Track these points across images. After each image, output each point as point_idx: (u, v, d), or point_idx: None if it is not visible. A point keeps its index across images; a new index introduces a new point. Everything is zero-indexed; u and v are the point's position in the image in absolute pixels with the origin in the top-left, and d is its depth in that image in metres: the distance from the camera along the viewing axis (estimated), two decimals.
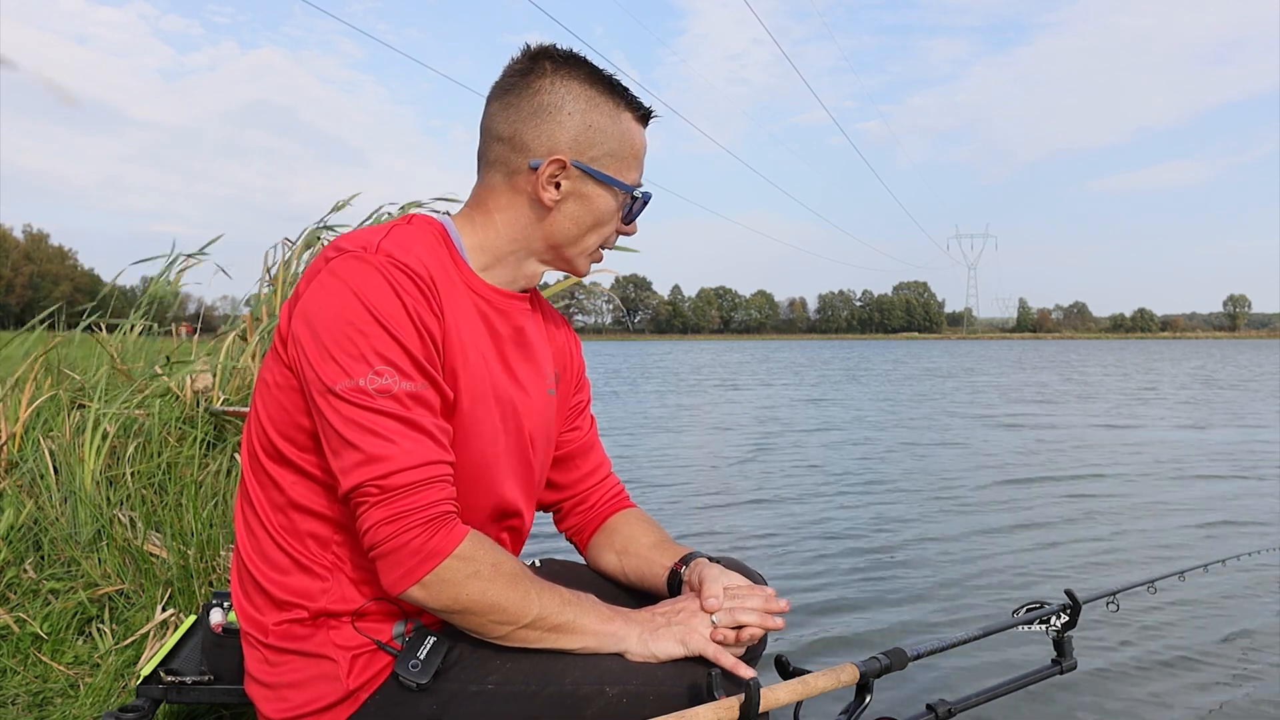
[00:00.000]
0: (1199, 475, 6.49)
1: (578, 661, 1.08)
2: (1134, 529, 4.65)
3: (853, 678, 1.13)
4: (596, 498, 1.44)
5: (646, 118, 1.26)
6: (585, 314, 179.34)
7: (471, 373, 1.15)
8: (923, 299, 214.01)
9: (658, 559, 1.31)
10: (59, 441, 2.84)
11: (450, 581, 1.05)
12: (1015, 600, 3.03)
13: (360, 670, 1.11)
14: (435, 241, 1.18)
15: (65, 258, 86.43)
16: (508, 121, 1.19)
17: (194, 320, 4.35)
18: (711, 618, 1.13)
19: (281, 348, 1.12)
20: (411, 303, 1.07)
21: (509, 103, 1.20)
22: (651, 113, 1.27)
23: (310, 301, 1.08)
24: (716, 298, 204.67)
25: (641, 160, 1.26)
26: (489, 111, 1.22)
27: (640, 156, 1.25)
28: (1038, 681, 1.46)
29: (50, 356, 3.27)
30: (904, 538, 4.43)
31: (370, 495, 1.04)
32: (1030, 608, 1.51)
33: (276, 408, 1.13)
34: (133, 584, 2.44)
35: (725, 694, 1.03)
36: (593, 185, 1.21)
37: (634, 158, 1.24)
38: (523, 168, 1.19)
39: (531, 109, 1.18)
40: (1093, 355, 46.42)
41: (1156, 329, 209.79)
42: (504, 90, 1.21)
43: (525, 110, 1.18)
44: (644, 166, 1.27)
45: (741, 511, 5.17)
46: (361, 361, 1.04)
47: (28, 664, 2.14)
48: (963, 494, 5.74)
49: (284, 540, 1.13)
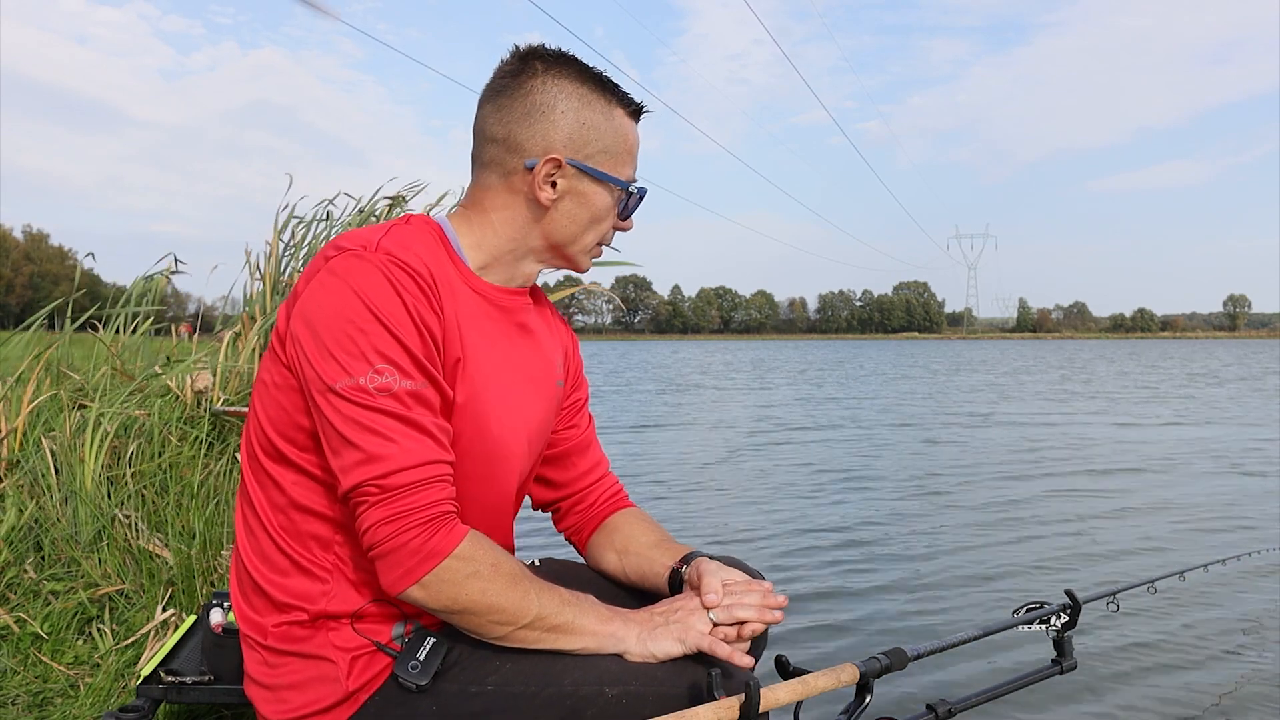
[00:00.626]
0: (1199, 475, 6.49)
1: (577, 662, 1.08)
2: (1134, 529, 4.65)
3: (853, 678, 1.14)
4: (595, 496, 1.44)
5: (638, 113, 1.26)
6: (585, 314, 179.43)
7: (473, 370, 1.15)
8: (923, 299, 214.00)
9: (659, 558, 1.31)
10: (59, 441, 2.84)
11: (449, 582, 1.05)
12: (1015, 600, 3.03)
13: (360, 672, 1.11)
14: (434, 241, 1.18)
15: (65, 258, 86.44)
16: (501, 123, 1.19)
17: (193, 320, 4.35)
18: (710, 614, 1.13)
19: (280, 347, 1.12)
20: (412, 301, 1.07)
21: (501, 104, 1.20)
22: (643, 108, 1.27)
23: (309, 300, 1.08)
24: (716, 298, 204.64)
25: (635, 155, 1.26)
26: (482, 113, 1.22)
27: (634, 152, 1.25)
28: (1038, 681, 1.46)
29: (50, 356, 3.27)
30: (904, 537, 4.43)
31: (370, 495, 1.04)
32: (1030, 608, 1.51)
33: (275, 408, 1.12)
34: (133, 584, 2.44)
35: (725, 694, 1.03)
36: (589, 183, 1.21)
37: (628, 153, 1.24)
38: (518, 168, 1.19)
39: (524, 109, 1.18)
40: (1093, 355, 46.39)
41: (1156, 329, 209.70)
42: (496, 92, 1.21)
43: (518, 111, 1.18)
44: (638, 161, 1.27)
45: (740, 511, 5.17)
46: (362, 360, 1.04)
47: (28, 664, 2.14)
48: (963, 494, 5.74)
49: (284, 541, 1.13)
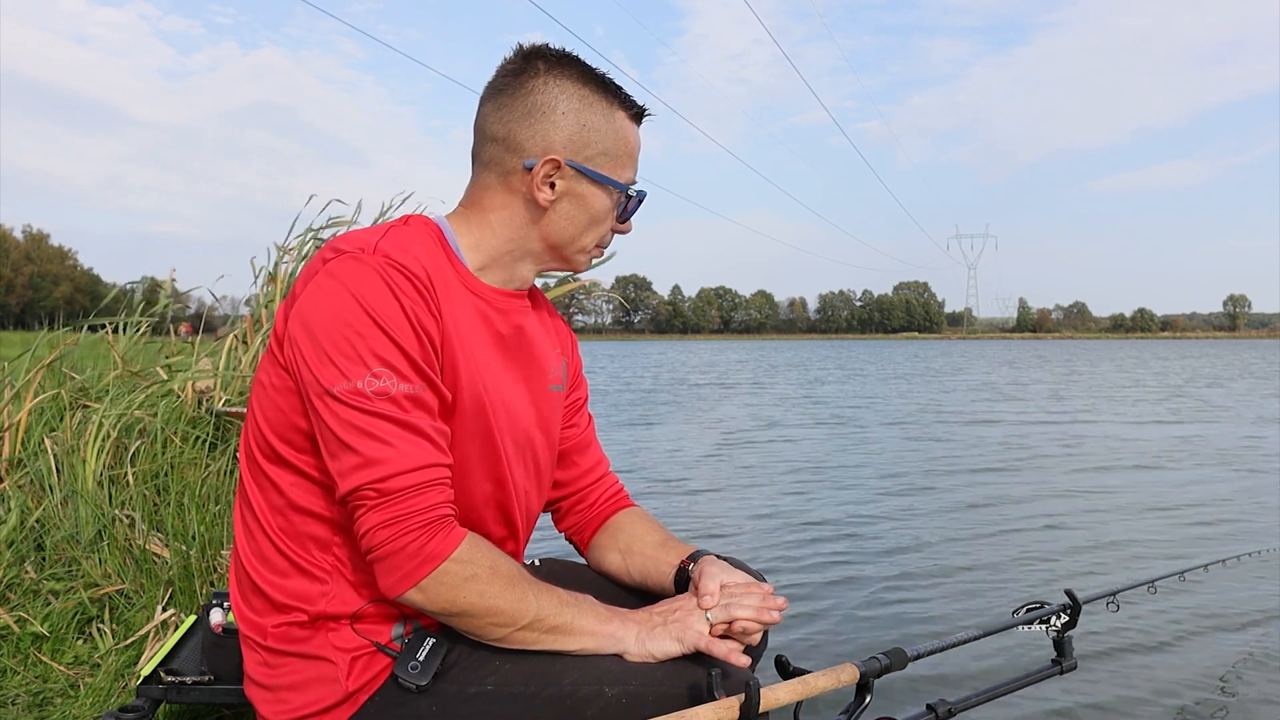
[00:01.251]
0: (1199, 474, 6.49)
1: (577, 662, 1.08)
2: (1134, 529, 4.64)
3: (853, 678, 1.14)
4: (596, 496, 1.44)
5: (640, 115, 1.26)
6: (585, 314, 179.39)
7: (471, 373, 1.15)
8: (923, 299, 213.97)
9: (664, 558, 1.31)
10: (61, 442, 2.84)
11: (448, 585, 1.05)
12: (1015, 600, 3.03)
13: (359, 672, 1.11)
14: (432, 242, 1.17)
15: (65, 258, 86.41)
16: (501, 122, 1.19)
17: (194, 321, 4.36)
18: (707, 615, 1.13)
19: (278, 349, 1.12)
20: (409, 304, 1.07)
21: (502, 103, 1.19)
22: (645, 110, 1.26)
23: (307, 303, 1.08)
24: (716, 298, 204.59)
25: (635, 158, 1.26)
26: (482, 111, 1.22)
27: (634, 154, 1.25)
28: (1038, 681, 1.46)
29: (51, 356, 3.27)
30: (904, 537, 4.42)
31: (368, 499, 1.04)
32: (1030, 608, 1.51)
33: (273, 409, 1.12)
34: (133, 584, 2.44)
35: (725, 694, 1.03)
36: (587, 184, 1.20)
37: (628, 156, 1.24)
38: (517, 168, 1.19)
39: (525, 109, 1.18)
40: (1093, 355, 46.39)
41: (1156, 329, 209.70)
42: (497, 90, 1.20)
43: (519, 110, 1.18)
44: (638, 164, 1.27)
45: (740, 511, 5.17)
46: (359, 363, 1.04)
47: (28, 664, 2.14)
48: (963, 493, 5.74)
49: (283, 543, 1.13)
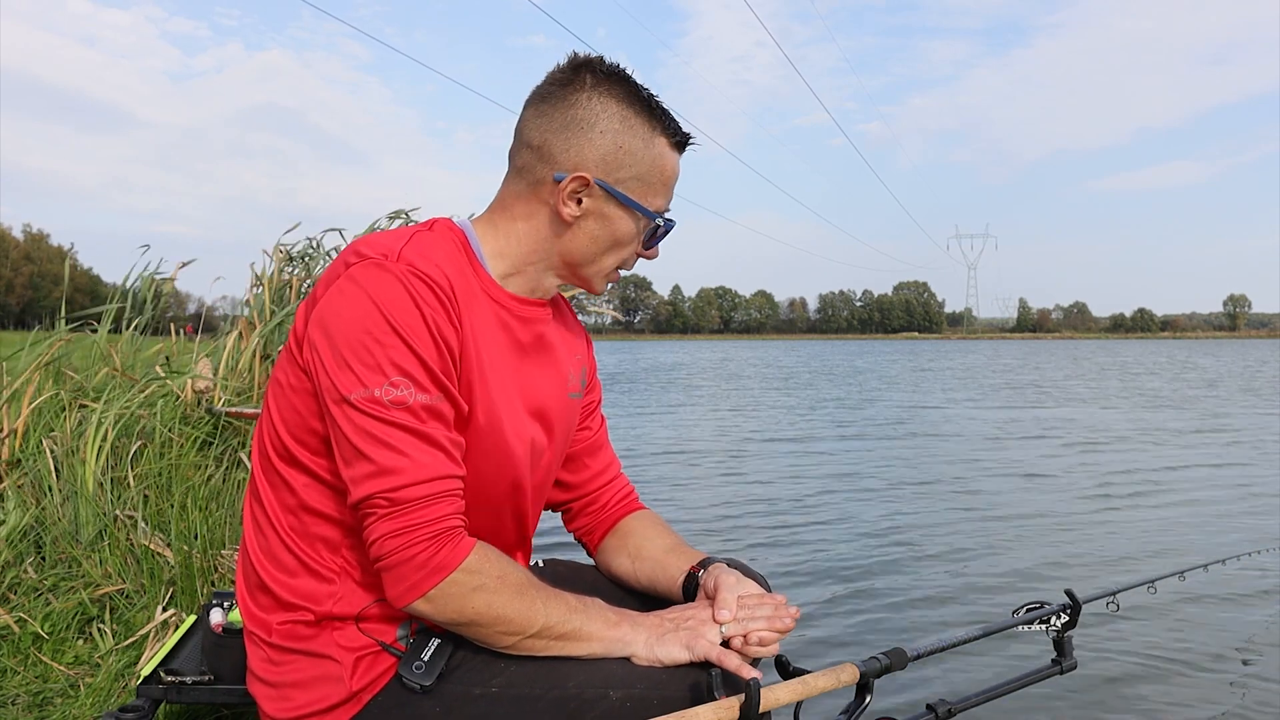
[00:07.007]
0: (1199, 474, 6.50)
1: (582, 665, 1.08)
2: (1134, 529, 4.65)
3: (853, 678, 1.14)
4: (607, 498, 1.44)
5: (683, 144, 1.23)
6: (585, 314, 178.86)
7: (489, 383, 1.15)
8: (923, 299, 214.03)
9: (673, 563, 1.30)
10: (60, 442, 2.84)
11: (455, 596, 1.05)
12: (1015, 600, 3.03)
13: (364, 671, 1.11)
14: (456, 249, 1.16)
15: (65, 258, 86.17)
16: (539, 130, 1.17)
17: (194, 321, 4.36)
18: (721, 629, 1.12)
19: (297, 350, 1.11)
20: (430, 313, 1.06)
21: (543, 111, 1.18)
22: (690, 139, 1.23)
23: (328, 307, 1.07)
24: (716, 298, 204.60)
25: (671, 187, 1.23)
26: (524, 116, 1.20)
27: (670, 183, 1.22)
28: (1038, 681, 1.46)
29: (50, 356, 3.27)
30: (904, 538, 4.43)
31: (379, 507, 1.04)
32: (1030, 608, 1.51)
33: (289, 410, 1.12)
34: (134, 584, 2.44)
35: (726, 694, 1.03)
36: (614, 207, 1.18)
37: (662, 184, 1.21)
38: (547, 179, 1.17)
39: (564, 121, 1.16)
40: (1093, 355, 46.38)
41: (1156, 329, 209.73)
42: (541, 98, 1.19)
43: (558, 121, 1.16)
44: (673, 193, 1.24)
45: (740, 511, 5.17)
46: (377, 372, 1.03)
47: (28, 664, 2.14)
48: (962, 494, 5.74)
49: (293, 542, 1.13)
